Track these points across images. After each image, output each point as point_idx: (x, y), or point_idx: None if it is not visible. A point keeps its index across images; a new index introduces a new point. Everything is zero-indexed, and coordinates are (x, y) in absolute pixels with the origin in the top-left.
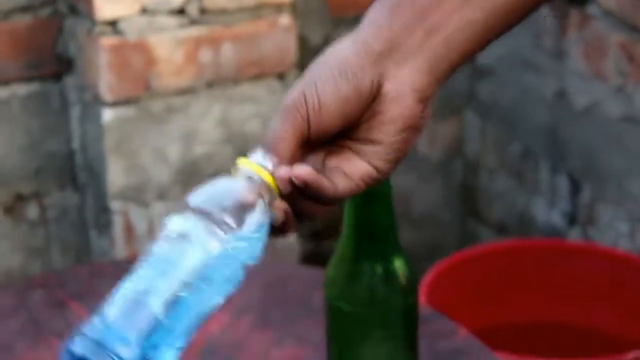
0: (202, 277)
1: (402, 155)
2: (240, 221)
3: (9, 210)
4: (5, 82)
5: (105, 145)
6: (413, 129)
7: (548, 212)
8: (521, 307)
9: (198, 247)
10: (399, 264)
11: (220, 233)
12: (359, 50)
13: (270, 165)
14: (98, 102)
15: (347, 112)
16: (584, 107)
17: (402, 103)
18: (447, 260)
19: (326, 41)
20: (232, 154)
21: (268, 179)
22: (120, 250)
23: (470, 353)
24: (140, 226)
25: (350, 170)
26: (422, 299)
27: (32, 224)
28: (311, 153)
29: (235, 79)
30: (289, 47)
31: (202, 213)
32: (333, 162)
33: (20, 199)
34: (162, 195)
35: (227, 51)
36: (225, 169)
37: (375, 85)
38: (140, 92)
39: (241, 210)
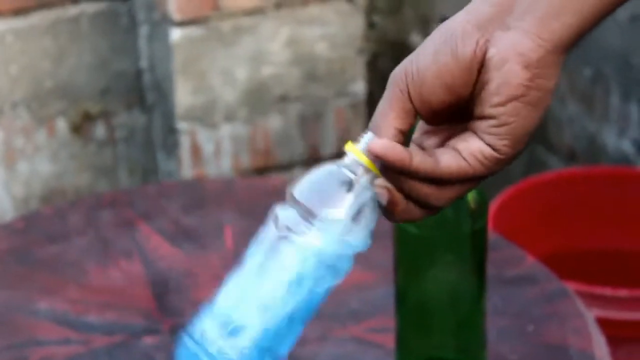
0: (304, 278)
1: (518, 132)
2: (340, 209)
3: (77, 129)
4: (75, 0)
5: (173, 65)
6: (521, 100)
7: (618, 140)
8: (589, 235)
9: (299, 248)
10: None
11: (321, 226)
12: (468, 18)
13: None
14: (166, 21)
15: (449, 82)
16: None
17: (505, 69)
18: (515, 187)
19: None
20: (299, 75)
21: (364, 159)
22: (186, 171)
23: (538, 280)
24: (207, 147)
25: (462, 147)
26: (489, 224)
27: (100, 143)
28: (439, 132)
29: (304, 0)
30: None
31: (301, 207)
32: (451, 142)
33: (88, 118)
34: (229, 117)
35: None
36: (293, 90)
37: (479, 51)
38: (208, 11)
39: (340, 198)
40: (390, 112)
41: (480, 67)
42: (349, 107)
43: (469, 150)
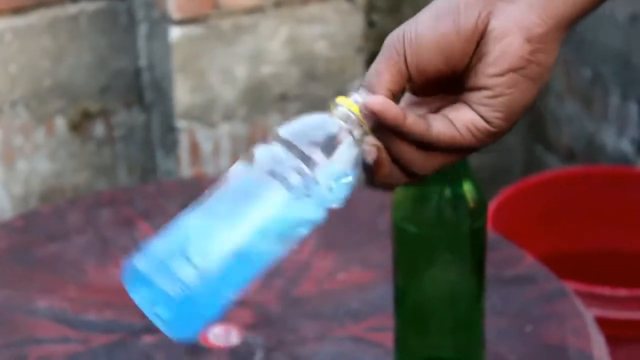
0: (277, 220)
1: (514, 105)
2: (326, 156)
3: (76, 127)
4: None
5: (172, 64)
6: (520, 72)
7: (617, 139)
8: (587, 235)
9: (278, 185)
10: (467, 187)
11: (305, 169)
12: None
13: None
14: (165, 20)
15: (446, 50)
16: None
17: (506, 41)
18: (514, 186)
19: None
20: (299, 74)
21: (358, 114)
22: (185, 170)
23: (537, 280)
24: (206, 146)
25: (454, 116)
26: (488, 224)
27: (99, 142)
28: (426, 104)
29: None
30: None
31: (290, 145)
32: (443, 111)
33: (87, 116)
34: (228, 116)
35: None
36: (292, 89)
37: (481, 23)
38: (208, 10)
39: (328, 145)
40: (384, 72)
41: (480, 39)
42: None
43: (461, 121)
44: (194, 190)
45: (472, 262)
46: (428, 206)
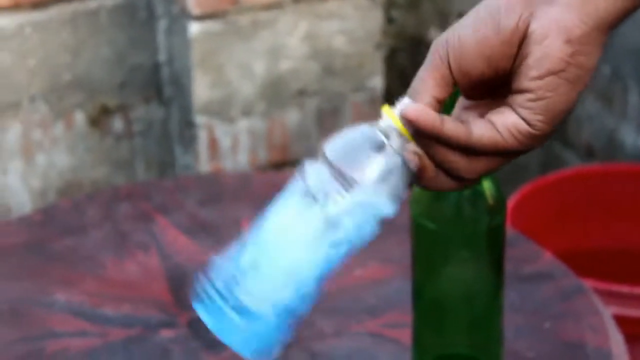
0: (326, 239)
1: (554, 108)
2: (368, 172)
3: (95, 122)
4: None
5: (191, 59)
6: (560, 75)
7: (636, 137)
8: (606, 232)
9: (325, 209)
10: (486, 184)
11: (344, 189)
12: None
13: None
14: (185, 15)
15: (487, 53)
16: None
17: (546, 42)
18: (532, 183)
19: None
20: (317, 69)
21: (398, 124)
22: (203, 165)
23: (554, 277)
24: (224, 141)
25: (497, 119)
26: (506, 221)
27: (117, 137)
28: (478, 108)
29: None
30: None
31: (331, 165)
32: (487, 115)
33: (105, 111)
34: (246, 111)
35: None
36: (311, 85)
37: (522, 25)
38: (227, 6)
39: (370, 160)
40: (428, 79)
41: (521, 41)
42: (367, 102)
43: (503, 124)
44: (212, 186)
45: (490, 260)
46: (447, 203)
